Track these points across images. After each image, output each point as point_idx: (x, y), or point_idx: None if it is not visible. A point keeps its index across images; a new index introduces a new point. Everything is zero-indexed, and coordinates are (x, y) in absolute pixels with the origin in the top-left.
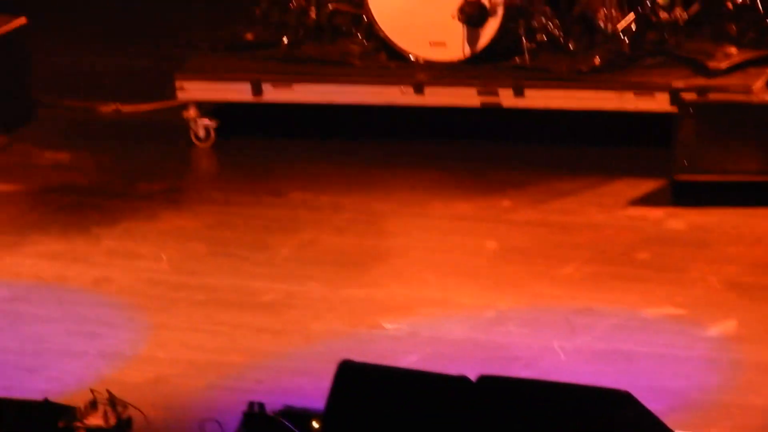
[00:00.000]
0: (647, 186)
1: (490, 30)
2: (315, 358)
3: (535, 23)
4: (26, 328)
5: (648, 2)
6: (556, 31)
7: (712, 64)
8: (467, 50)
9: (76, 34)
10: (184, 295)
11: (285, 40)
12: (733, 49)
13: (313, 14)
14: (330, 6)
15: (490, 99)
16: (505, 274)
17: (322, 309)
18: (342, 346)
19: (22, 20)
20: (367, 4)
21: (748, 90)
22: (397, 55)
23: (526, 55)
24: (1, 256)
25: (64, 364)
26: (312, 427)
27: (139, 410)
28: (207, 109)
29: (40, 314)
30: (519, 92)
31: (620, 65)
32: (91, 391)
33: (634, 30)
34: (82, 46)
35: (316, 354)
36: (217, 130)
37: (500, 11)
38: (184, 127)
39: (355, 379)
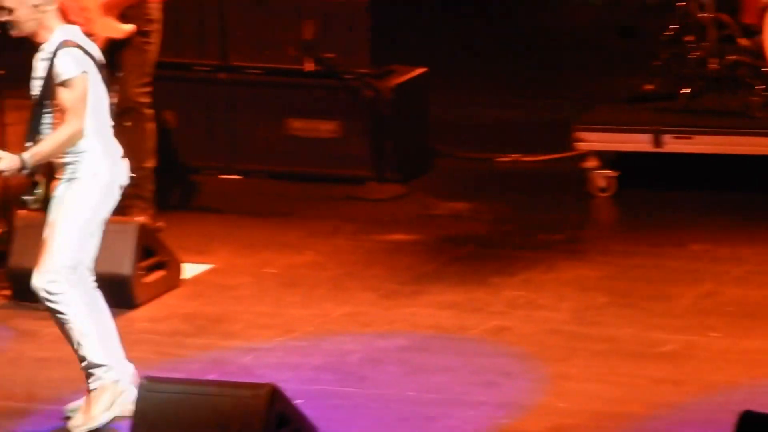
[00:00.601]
0: None
1: None
2: (714, 408)
3: None
4: (425, 377)
5: None
6: None
7: None
8: None
9: (474, 85)
10: (584, 345)
11: (684, 91)
12: None
13: (713, 65)
14: (731, 57)
15: None
16: None
17: (722, 360)
18: (742, 397)
19: (422, 69)
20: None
21: None
22: None
23: None
24: (401, 306)
25: (463, 413)
26: None
27: None
28: (607, 159)
29: (440, 363)
30: None
31: None
32: None
33: None
34: (479, 98)
35: (715, 405)
36: (617, 180)
37: None
38: (584, 177)
39: (757, 430)
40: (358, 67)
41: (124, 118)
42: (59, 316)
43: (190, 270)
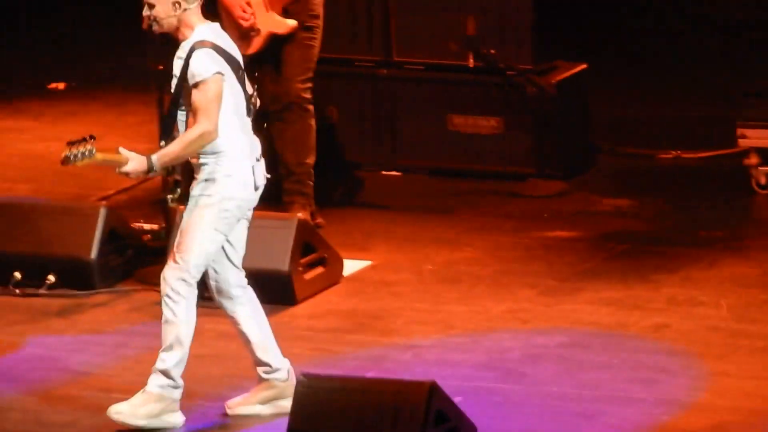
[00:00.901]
0: None
1: None
2: None
3: None
4: (584, 374)
5: None
6: None
7: None
8: None
9: (635, 80)
10: (745, 342)
11: None
12: None
13: None
14: None
15: None
16: None
17: None
18: None
19: (582, 66)
20: None
21: None
22: None
23: None
24: (560, 303)
25: (622, 411)
26: None
27: None
28: None
29: (599, 361)
30: None
31: None
32: None
33: None
34: (640, 93)
35: None
36: None
37: None
38: (745, 174)
39: None
40: (520, 63)
41: (286, 113)
42: (169, 314)
43: (350, 266)
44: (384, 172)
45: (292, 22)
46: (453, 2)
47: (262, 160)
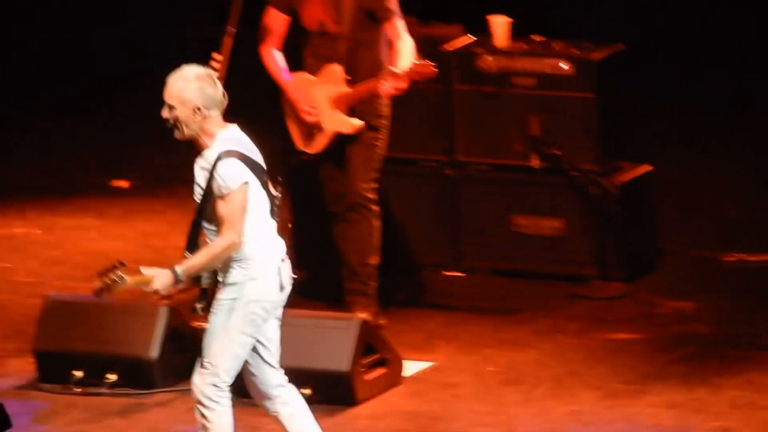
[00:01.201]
0: None
1: None
2: None
3: None
4: None
5: None
6: None
7: None
8: None
9: (702, 179)
10: None
11: None
12: None
13: None
14: None
15: None
16: None
17: None
18: None
19: (647, 167)
20: None
21: None
22: None
23: None
24: (623, 405)
25: None
26: None
27: None
28: None
29: None
30: None
31: None
32: None
33: None
34: (707, 192)
35: None
36: None
37: None
38: None
39: None
40: (584, 163)
41: (349, 213)
42: (202, 420)
43: (411, 367)
44: (446, 273)
45: (358, 123)
46: (517, 102)
47: (288, 261)
